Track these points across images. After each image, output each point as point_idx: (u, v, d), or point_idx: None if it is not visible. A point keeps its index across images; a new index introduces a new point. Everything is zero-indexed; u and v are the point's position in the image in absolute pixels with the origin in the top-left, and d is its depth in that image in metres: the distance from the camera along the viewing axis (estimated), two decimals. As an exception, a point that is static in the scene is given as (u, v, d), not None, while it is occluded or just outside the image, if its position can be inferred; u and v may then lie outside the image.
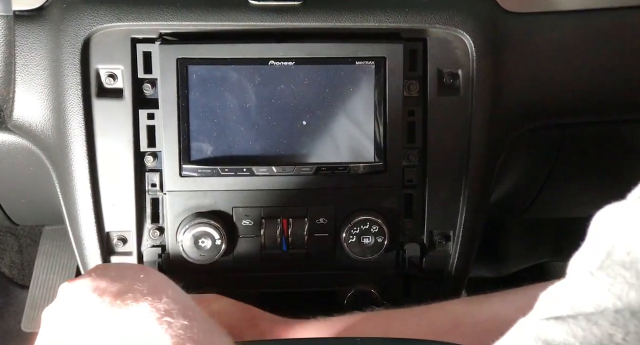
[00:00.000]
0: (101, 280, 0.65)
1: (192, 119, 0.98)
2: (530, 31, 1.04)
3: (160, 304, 0.61)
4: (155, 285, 0.64)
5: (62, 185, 1.03)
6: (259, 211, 1.01)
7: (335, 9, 0.98)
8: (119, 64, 0.99)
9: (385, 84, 0.98)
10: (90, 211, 1.01)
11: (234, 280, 1.15)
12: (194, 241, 0.99)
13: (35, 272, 1.65)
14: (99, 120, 1.00)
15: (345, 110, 0.99)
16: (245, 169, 0.99)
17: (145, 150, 1.01)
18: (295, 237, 1.02)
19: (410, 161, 1.04)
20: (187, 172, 0.99)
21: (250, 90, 0.98)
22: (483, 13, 1.01)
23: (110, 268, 0.71)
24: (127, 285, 0.64)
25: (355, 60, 0.98)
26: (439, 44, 1.01)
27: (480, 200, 1.05)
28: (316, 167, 0.99)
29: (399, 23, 0.99)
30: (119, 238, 1.03)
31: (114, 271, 0.67)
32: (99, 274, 0.66)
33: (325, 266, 1.06)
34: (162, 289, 0.64)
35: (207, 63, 0.97)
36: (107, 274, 0.66)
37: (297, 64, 0.97)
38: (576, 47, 1.06)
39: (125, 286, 0.64)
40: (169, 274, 0.69)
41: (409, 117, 1.02)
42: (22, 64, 1.00)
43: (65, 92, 0.98)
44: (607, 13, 1.06)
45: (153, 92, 1.00)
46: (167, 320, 0.60)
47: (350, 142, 1.00)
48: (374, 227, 1.00)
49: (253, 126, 0.98)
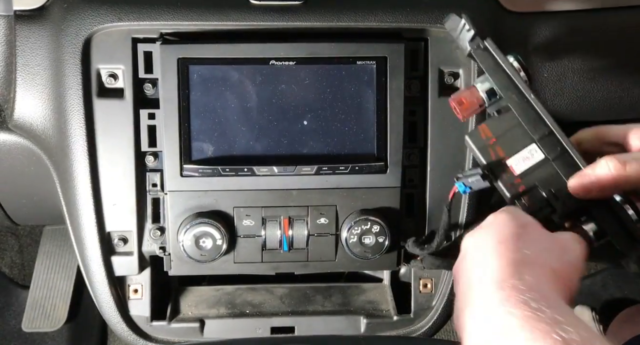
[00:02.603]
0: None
1: (193, 118, 0.98)
2: (531, 31, 1.04)
3: None
4: None
5: (63, 185, 1.03)
6: (259, 211, 1.01)
7: (336, 8, 0.98)
8: (120, 64, 0.99)
9: (387, 83, 0.98)
10: (91, 211, 1.01)
11: (234, 280, 1.16)
12: (195, 241, 0.99)
13: (35, 272, 1.64)
14: (100, 120, 1.00)
15: (346, 110, 0.99)
16: (246, 168, 0.99)
17: (146, 150, 1.01)
18: (296, 237, 1.02)
19: (411, 161, 1.04)
20: (188, 172, 0.99)
21: (251, 90, 0.98)
22: (484, 13, 1.01)
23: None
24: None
25: (356, 60, 0.98)
26: (440, 43, 1.01)
27: (481, 200, 1.05)
28: (317, 167, 0.99)
29: (400, 23, 0.99)
30: (119, 238, 1.03)
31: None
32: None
33: (326, 266, 1.05)
34: None
35: (208, 63, 0.97)
36: None
37: (298, 63, 0.97)
38: (577, 46, 1.06)
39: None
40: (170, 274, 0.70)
41: (410, 117, 1.02)
42: (22, 63, 1.00)
43: (66, 92, 0.98)
44: (608, 13, 1.06)
45: (154, 91, 1.00)
46: None
47: (351, 142, 1.00)
48: (375, 227, 1.00)
49: (254, 126, 0.98)
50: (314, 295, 1.15)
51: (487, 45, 0.80)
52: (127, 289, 1.07)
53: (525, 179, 0.76)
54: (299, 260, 1.04)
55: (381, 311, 1.12)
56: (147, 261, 1.06)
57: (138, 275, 1.06)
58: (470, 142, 0.79)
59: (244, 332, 1.09)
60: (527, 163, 0.77)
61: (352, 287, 1.17)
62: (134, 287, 1.07)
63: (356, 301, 1.14)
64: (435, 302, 1.09)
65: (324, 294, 1.15)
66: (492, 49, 0.80)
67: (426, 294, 1.10)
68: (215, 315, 1.10)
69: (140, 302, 1.07)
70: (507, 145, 0.77)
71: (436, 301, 1.09)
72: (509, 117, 0.78)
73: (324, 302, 1.13)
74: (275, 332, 1.09)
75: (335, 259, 1.04)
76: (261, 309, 1.12)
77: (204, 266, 1.02)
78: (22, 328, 1.56)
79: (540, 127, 0.77)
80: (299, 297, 1.14)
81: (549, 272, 0.62)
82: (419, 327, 1.09)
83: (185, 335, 1.08)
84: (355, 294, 1.16)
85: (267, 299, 1.14)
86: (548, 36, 1.05)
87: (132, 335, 1.07)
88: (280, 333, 1.09)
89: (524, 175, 0.76)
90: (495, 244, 0.64)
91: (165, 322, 1.08)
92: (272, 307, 1.12)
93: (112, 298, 1.05)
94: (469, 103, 0.81)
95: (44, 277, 1.63)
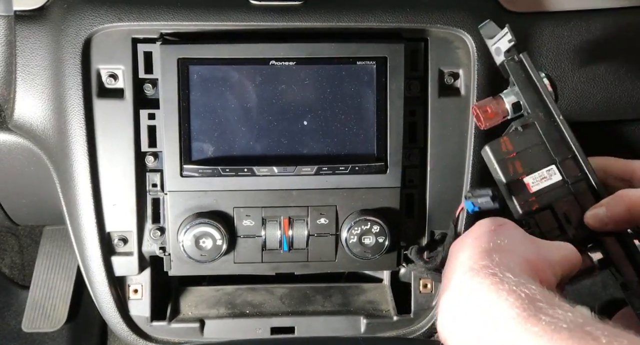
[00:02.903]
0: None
1: (193, 119, 0.98)
2: (531, 31, 1.04)
3: None
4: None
5: (63, 185, 1.03)
6: (259, 211, 1.01)
7: (336, 8, 0.98)
8: (120, 64, 0.99)
9: (387, 84, 0.98)
10: (91, 211, 1.01)
11: (234, 280, 1.16)
12: (195, 241, 0.99)
13: (35, 272, 1.64)
14: (100, 120, 1.00)
15: (346, 111, 0.99)
16: (246, 169, 0.99)
17: (146, 151, 1.01)
18: (296, 237, 1.02)
19: (411, 161, 1.04)
20: (188, 172, 0.99)
21: (251, 90, 0.98)
22: (484, 13, 1.01)
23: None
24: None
25: (356, 60, 0.98)
26: (440, 43, 1.01)
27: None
28: (317, 167, 0.99)
29: (400, 23, 0.99)
30: (119, 238, 1.03)
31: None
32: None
33: (326, 266, 1.05)
34: None
35: (208, 63, 0.97)
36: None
37: (298, 64, 0.97)
38: (577, 46, 1.06)
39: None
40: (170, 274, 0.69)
41: (410, 117, 1.02)
42: (22, 64, 1.00)
43: (66, 92, 0.98)
44: (608, 13, 1.06)
45: (154, 92, 1.00)
46: None
47: (351, 142, 1.00)
48: (375, 228, 1.00)
49: (254, 126, 0.98)
50: (314, 296, 1.15)
51: (522, 58, 0.79)
52: (127, 289, 1.07)
53: (540, 198, 0.76)
54: (299, 260, 1.04)
55: (381, 311, 1.12)
56: (147, 261, 1.06)
57: (138, 276, 1.06)
58: (489, 152, 0.78)
59: (244, 332, 1.09)
60: (544, 183, 0.76)
61: (352, 287, 1.17)
62: (134, 287, 1.07)
63: (356, 301, 1.14)
64: (435, 302, 1.09)
65: (324, 294, 1.15)
66: (527, 64, 0.79)
67: (426, 294, 1.10)
68: (215, 316, 1.10)
69: (140, 302, 1.07)
70: (526, 162, 0.77)
71: (436, 301, 1.09)
72: (532, 134, 0.77)
73: (324, 303, 1.13)
74: (275, 332, 1.09)
75: (335, 259, 1.04)
76: (261, 309, 1.12)
77: (204, 266, 1.02)
78: (22, 328, 1.56)
79: (563, 149, 0.76)
80: (299, 297, 1.14)
81: (522, 260, 0.63)
82: (419, 328, 1.09)
83: (185, 336, 1.08)
84: (355, 294, 1.16)
85: (267, 299, 1.14)
86: (548, 36, 1.05)
87: (132, 335, 1.07)
88: (280, 333, 1.09)
89: (539, 194, 0.76)
90: (472, 240, 0.66)
91: (165, 322, 1.08)
92: (272, 308, 1.12)
93: (112, 298, 1.05)
94: (493, 113, 0.80)
95: (44, 277, 1.63)
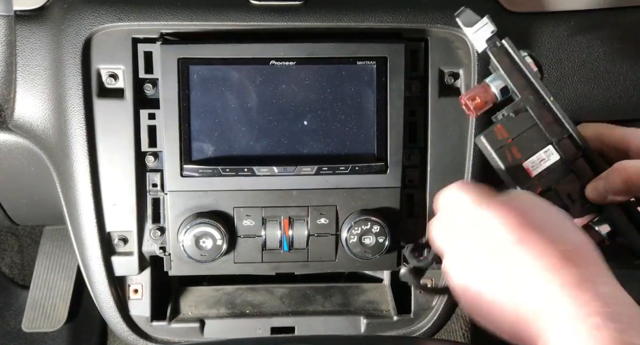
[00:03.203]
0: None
1: (193, 119, 0.98)
2: (531, 31, 1.04)
3: None
4: None
5: (63, 185, 1.03)
6: (260, 211, 1.01)
7: (336, 8, 0.98)
8: (120, 64, 0.99)
9: (387, 83, 0.98)
10: (91, 211, 1.01)
11: (234, 280, 1.16)
12: (195, 241, 0.99)
13: (35, 272, 1.64)
14: (100, 120, 1.00)
15: (347, 111, 0.99)
16: (247, 169, 0.99)
17: (146, 150, 1.01)
18: (296, 237, 1.02)
19: (411, 161, 1.04)
20: (188, 172, 0.99)
21: (252, 90, 0.98)
22: (484, 13, 1.01)
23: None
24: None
25: (356, 60, 0.98)
26: (440, 43, 1.01)
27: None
28: (317, 167, 0.99)
29: (400, 23, 0.99)
30: (119, 238, 1.03)
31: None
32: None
33: (326, 266, 1.05)
34: None
35: (208, 63, 0.97)
36: None
37: (299, 63, 0.97)
38: (577, 46, 1.06)
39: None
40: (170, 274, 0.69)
41: (410, 117, 1.02)
42: (23, 64, 1.00)
43: (66, 92, 0.98)
44: (608, 13, 1.06)
45: (154, 92, 1.00)
46: None
47: (351, 142, 1.00)
48: (375, 228, 1.00)
49: (254, 126, 0.98)
50: (314, 296, 1.15)
51: (505, 44, 0.80)
52: (127, 289, 1.07)
53: (542, 181, 0.76)
54: (299, 260, 1.04)
55: (381, 311, 1.12)
56: (147, 261, 1.06)
57: (138, 276, 1.06)
58: (485, 142, 0.77)
59: (244, 332, 1.09)
60: (543, 164, 0.76)
61: (352, 287, 1.17)
62: (134, 287, 1.07)
63: (356, 301, 1.14)
64: (435, 302, 1.09)
65: (324, 294, 1.15)
66: (510, 48, 0.79)
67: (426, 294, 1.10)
68: (215, 316, 1.10)
69: (141, 302, 1.07)
70: (523, 147, 0.76)
71: (436, 301, 1.09)
72: (525, 118, 0.77)
73: (324, 302, 1.13)
74: (275, 332, 1.09)
75: (335, 259, 1.04)
76: (261, 309, 1.12)
77: (204, 266, 1.02)
78: (22, 328, 1.56)
79: (557, 129, 0.76)
80: (299, 297, 1.14)
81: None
82: (419, 327, 1.09)
83: (186, 336, 1.08)
84: (355, 294, 1.16)
85: (267, 299, 1.14)
86: (548, 36, 1.05)
87: (132, 335, 1.07)
88: (280, 333, 1.09)
89: (541, 177, 0.76)
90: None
91: (165, 322, 1.08)
92: (272, 307, 1.12)
93: (112, 298, 1.05)
94: (483, 101, 0.80)
95: (44, 277, 1.63)
